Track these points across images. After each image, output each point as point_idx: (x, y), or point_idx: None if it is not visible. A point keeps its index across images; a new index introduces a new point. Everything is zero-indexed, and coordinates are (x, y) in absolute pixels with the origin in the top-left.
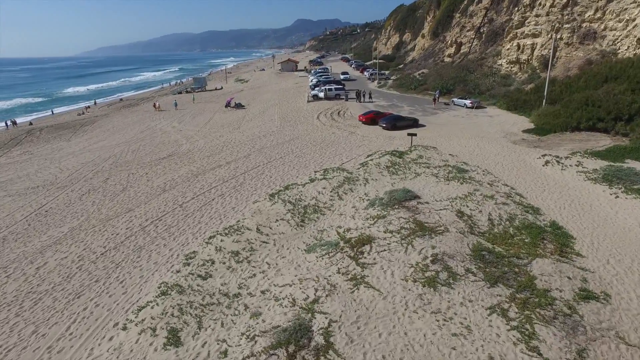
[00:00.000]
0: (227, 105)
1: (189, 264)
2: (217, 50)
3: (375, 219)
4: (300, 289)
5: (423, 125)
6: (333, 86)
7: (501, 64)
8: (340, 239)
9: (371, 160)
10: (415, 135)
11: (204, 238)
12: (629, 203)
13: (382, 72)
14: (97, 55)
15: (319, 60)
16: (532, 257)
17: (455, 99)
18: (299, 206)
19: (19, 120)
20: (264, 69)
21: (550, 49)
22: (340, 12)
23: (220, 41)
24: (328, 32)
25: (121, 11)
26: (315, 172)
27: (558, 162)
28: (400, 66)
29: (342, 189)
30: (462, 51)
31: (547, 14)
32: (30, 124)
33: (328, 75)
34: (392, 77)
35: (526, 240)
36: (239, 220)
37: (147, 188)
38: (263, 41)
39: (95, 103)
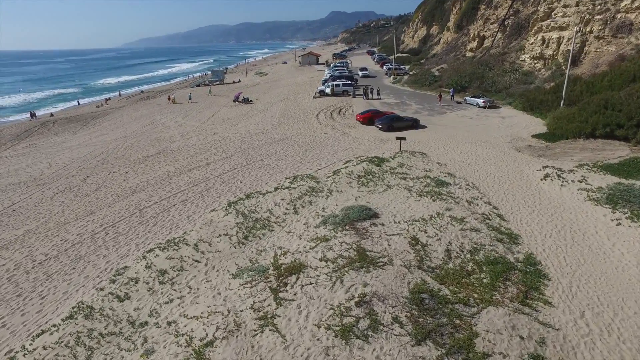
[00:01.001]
0: (235, 99)
1: (114, 281)
2: (252, 42)
3: (318, 242)
4: (205, 324)
5: (424, 127)
6: (340, 82)
7: (524, 60)
8: (272, 264)
9: (345, 167)
10: (404, 139)
11: (145, 250)
12: (632, 232)
13: (401, 66)
14: (137, 46)
15: (343, 53)
16: (485, 304)
17: (467, 98)
18: (250, 219)
19: (45, 111)
20: (286, 62)
21: (578, 43)
22: (375, 4)
23: (255, 33)
24: (360, 25)
25: (162, 3)
26: (286, 178)
27: (559, 176)
28: (422, 61)
29: (301, 200)
30: (484, 45)
31: (577, 4)
32: (51, 115)
33: (344, 69)
34: (410, 72)
35: (484, 280)
36: (185, 232)
37: (118, 189)
38: (297, 33)
39: (119, 94)
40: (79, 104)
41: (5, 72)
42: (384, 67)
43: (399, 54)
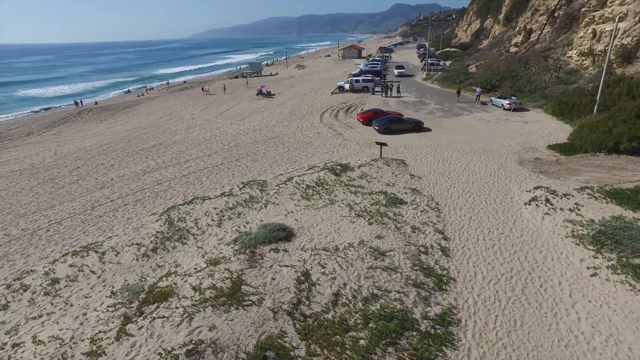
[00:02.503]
0: (259, 93)
1: (9, 286)
2: (313, 34)
3: (208, 265)
4: (37, 353)
5: (428, 130)
6: (360, 78)
7: (570, 56)
8: (150, 285)
9: (301, 175)
10: (385, 144)
11: (61, 254)
12: (605, 291)
13: (439, 62)
14: (203, 37)
15: (390, 47)
16: None
17: (493, 98)
18: (173, 229)
19: (98, 99)
20: (329, 55)
21: (636, 36)
22: None
23: (317, 25)
24: (421, 17)
25: None
26: (242, 182)
27: (548, 200)
28: (466, 56)
29: (232, 212)
30: (530, 40)
31: None
32: (96, 103)
33: (376, 65)
34: (447, 69)
35: (361, 341)
36: (109, 238)
37: (92, 182)
38: (358, 26)
39: (168, 84)
40: (129, 91)
41: (81, 62)
42: (423, 63)
43: (447, 49)
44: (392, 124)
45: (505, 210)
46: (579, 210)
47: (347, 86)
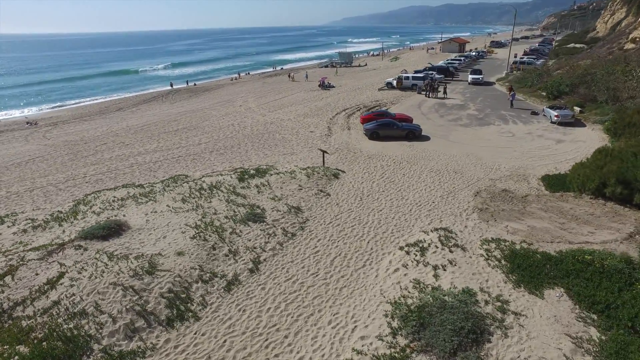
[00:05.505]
0: (320, 84)
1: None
2: (451, 24)
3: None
4: None
5: (426, 139)
6: (410, 75)
7: None
8: None
9: (211, 176)
10: (326, 152)
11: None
12: None
13: (535, 60)
14: (340, 25)
15: (503, 42)
16: None
17: (546, 108)
18: (50, 218)
19: (200, 81)
20: (433, 48)
21: None
22: None
23: (456, 15)
24: (575, 7)
25: None
26: (171, 176)
27: (425, 250)
28: (579, 54)
29: (118, 203)
30: None
31: None
32: (195, 84)
33: (457, 62)
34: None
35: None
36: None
37: (93, 159)
38: (502, 16)
39: (274, 68)
40: (239, 75)
41: (220, 46)
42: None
43: (573, 45)
44: (380, 129)
45: (367, 252)
46: (444, 269)
47: (394, 83)
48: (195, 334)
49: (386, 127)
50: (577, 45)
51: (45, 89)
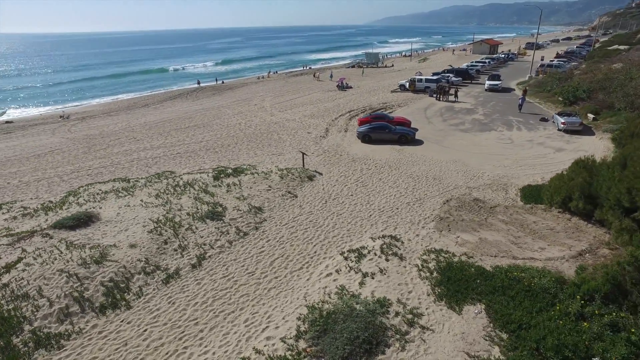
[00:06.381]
0: (338, 85)
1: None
2: (495, 24)
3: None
4: None
5: (419, 143)
6: (423, 77)
7: None
8: None
9: (191, 174)
10: (305, 154)
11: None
12: None
13: (565, 63)
14: (380, 24)
15: (539, 44)
16: None
17: (556, 114)
18: (52, 204)
19: (227, 80)
20: (464, 49)
21: None
22: None
23: (501, 15)
24: (633, 4)
25: None
26: (159, 172)
27: (363, 256)
28: (615, 56)
29: (100, 196)
30: None
31: None
32: (222, 82)
33: (481, 65)
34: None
35: None
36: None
37: (102, 152)
38: (551, 16)
39: (304, 67)
40: (273, 72)
41: (258, 44)
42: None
43: (615, 46)
44: (372, 132)
45: (309, 255)
46: (372, 277)
47: (407, 85)
48: (122, 321)
49: (378, 130)
50: (621, 47)
51: (86, 85)
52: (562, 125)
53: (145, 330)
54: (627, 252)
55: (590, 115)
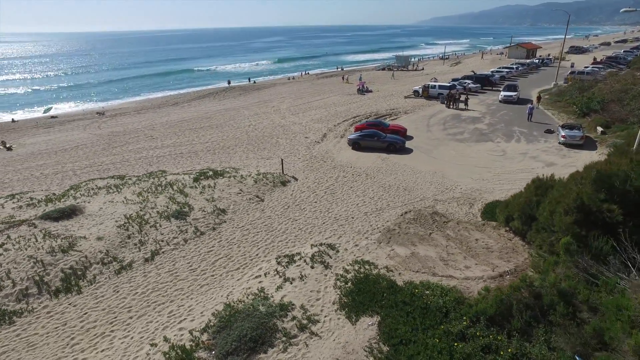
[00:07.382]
0: (358, 89)
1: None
2: (550, 25)
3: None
4: None
5: (409, 152)
6: (436, 84)
7: None
8: None
9: (177, 174)
10: (282, 160)
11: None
12: None
13: (599, 70)
14: (427, 24)
15: (583, 47)
16: None
17: (560, 127)
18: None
19: (260, 79)
20: (501, 53)
21: None
22: None
23: (557, 15)
24: None
25: None
26: (152, 171)
27: (292, 262)
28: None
29: (93, 192)
30: None
31: None
32: (254, 82)
33: (507, 70)
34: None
35: None
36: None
37: (118, 149)
38: (614, 15)
39: (337, 68)
40: (306, 73)
41: (300, 44)
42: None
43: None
44: (362, 139)
45: (250, 257)
46: (291, 283)
47: (420, 91)
48: (70, 304)
49: (368, 138)
50: None
51: (133, 84)
52: (562, 139)
53: (85, 314)
54: (521, 277)
55: (599, 129)
